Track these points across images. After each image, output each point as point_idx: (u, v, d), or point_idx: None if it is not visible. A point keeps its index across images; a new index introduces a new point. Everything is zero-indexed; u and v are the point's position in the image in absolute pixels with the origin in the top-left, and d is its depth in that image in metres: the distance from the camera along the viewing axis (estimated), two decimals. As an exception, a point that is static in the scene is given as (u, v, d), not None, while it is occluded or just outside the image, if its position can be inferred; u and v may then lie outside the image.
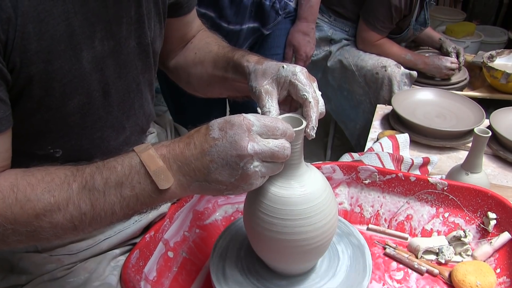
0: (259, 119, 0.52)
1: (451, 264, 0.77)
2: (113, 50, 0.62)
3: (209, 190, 0.54)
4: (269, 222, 0.61)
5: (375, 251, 0.80)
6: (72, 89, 0.58)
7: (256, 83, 0.62)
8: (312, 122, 0.58)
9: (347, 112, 1.92)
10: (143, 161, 0.51)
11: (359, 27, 1.76)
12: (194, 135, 0.53)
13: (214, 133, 0.51)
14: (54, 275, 0.67)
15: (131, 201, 0.52)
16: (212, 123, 0.52)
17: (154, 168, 0.51)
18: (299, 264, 0.65)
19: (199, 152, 0.51)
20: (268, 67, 0.63)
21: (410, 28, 1.75)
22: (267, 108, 0.59)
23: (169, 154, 0.52)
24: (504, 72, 1.58)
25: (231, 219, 0.85)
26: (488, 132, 0.88)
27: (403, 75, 1.66)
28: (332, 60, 1.83)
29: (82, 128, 0.63)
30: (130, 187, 0.51)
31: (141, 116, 0.74)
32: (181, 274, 0.74)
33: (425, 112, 1.34)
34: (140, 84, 0.71)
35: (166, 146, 0.53)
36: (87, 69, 0.59)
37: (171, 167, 0.52)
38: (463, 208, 0.81)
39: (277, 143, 0.52)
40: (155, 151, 0.52)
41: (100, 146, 0.67)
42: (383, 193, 0.86)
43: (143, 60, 0.70)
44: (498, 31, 2.78)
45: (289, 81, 0.61)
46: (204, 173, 0.51)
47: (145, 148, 0.52)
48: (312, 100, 0.59)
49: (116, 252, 0.72)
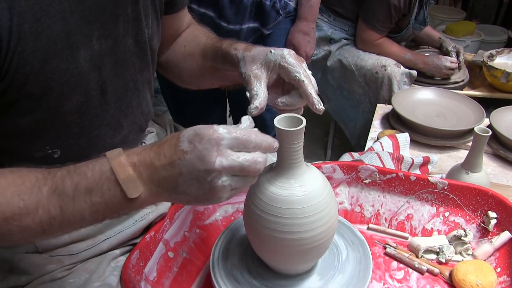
0: (230, 131, 0.50)
1: (452, 263, 0.77)
2: (111, 49, 0.62)
3: (178, 200, 0.54)
4: (269, 222, 0.60)
5: (375, 251, 0.80)
6: (70, 89, 0.58)
7: (245, 69, 0.63)
8: (315, 98, 0.59)
9: (347, 112, 1.92)
10: (113, 168, 0.51)
11: (358, 27, 1.76)
12: (164, 144, 0.52)
13: (184, 145, 0.50)
14: (54, 276, 0.67)
15: (101, 207, 0.52)
16: (183, 134, 0.50)
17: (123, 176, 0.50)
18: (299, 264, 0.65)
19: (168, 163, 0.50)
20: (256, 53, 0.64)
21: (410, 27, 1.75)
22: (255, 92, 0.60)
23: (140, 163, 0.51)
24: (504, 71, 1.58)
25: (232, 219, 0.85)
26: (488, 131, 0.88)
27: (403, 75, 1.66)
28: (332, 59, 1.83)
29: (79, 127, 0.63)
30: (99, 194, 0.51)
31: (139, 115, 0.74)
32: (181, 274, 0.74)
33: (425, 111, 1.34)
34: (138, 82, 0.71)
35: (138, 154, 0.52)
36: (84, 68, 0.59)
37: (141, 175, 0.51)
38: (463, 208, 0.81)
39: (248, 157, 0.50)
40: (126, 159, 0.51)
41: (97, 144, 0.67)
42: (383, 192, 0.86)
43: (140, 58, 0.69)
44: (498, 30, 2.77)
45: (278, 64, 0.62)
46: (173, 184, 0.51)
47: (117, 154, 0.52)
48: (305, 79, 0.60)
49: (117, 252, 0.72)
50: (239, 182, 0.52)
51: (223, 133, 0.49)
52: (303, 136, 0.60)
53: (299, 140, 0.59)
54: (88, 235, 0.70)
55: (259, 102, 0.60)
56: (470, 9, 3.08)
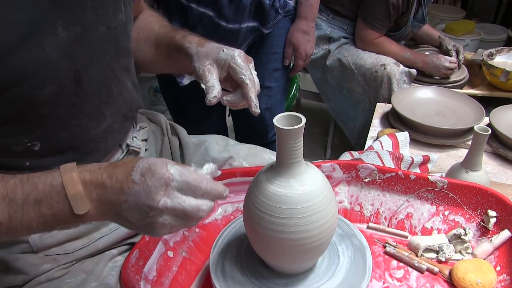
0: (182, 174, 0.51)
1: (451, 262, 0.77)
2: (81, 37, 0.62)
3: (121, 224, 0.55)
4: (269, 221, 0.60)
5: (375, 250, 0.80)
6: (40, 79, 0.58)
7: (199, 64, 0.68)
8: (253, 101, 0.65)
9: (347, 111, 1.92)
10: (64, 183, 0.51)
11: (357, 26, 1.75)
12: (119, 168, 0.52)
13: (135, 176, 0.51)
14: (51, 276, 0.67)
15: (48, 219, 0.52)
16: (138, 165, 0.51)
17: (73, 192, 0.51)
18: (298, 263, 0.65)
19: (118, 188, 0.51)
20: (210, 49, 0.69)
21: (408, 25, 1.75)
22: (211, 83, 0.65)
23: (91, 181, 0.52)
24: (503, 70, 1.58)
25: (231, 218, 0.85)
26: (488, 130, 0.88)
27: (402, 73, 1.66)
28: (331, 59, 1.83)
29: (55, 117, 0.62)
30: (48, 206, 0.51)
31: (121, 103, 0.73)
32: (181, 273, 0.74)
33: (425, 110, 1.34)
34: (116, 70, 0.70)
35: (91, 172, 0.53)
36: (53, 57, 0.58)
37: (91, 194, 0.52)
38: (463, 206, 0.81)
39: (193, 203, 0.52)
40: (78, 175, 0.52)
41: (79, 135, 0.66)
42: (383, 191, 0.86)
43: (115, 45, 0.69)
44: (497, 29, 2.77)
45: (228, 64, 0.67)
46: (118, 209, 0.52)
47: (70, 169, 0.52)
48: (248, 82, 0.66)
49: (114, 252, 0.72)
50: (179, 222, 0.53)
51: (175, 175, 0.50)
52: (303, 135, 0.60)
53: (299, 138, 0.59)
54: (84, 233, 0.70)
55: (217, 92, 0.65)
56: (469, 8, 3.08)
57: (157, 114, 0.97)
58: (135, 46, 0.82)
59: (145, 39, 0.83)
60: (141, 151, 0.80)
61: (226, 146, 0.93)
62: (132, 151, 0.80)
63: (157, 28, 0.82)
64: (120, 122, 0.74)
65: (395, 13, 1.65)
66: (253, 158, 0.91)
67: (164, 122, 0.95)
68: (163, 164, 0.51)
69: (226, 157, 0.90)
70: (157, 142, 0.90)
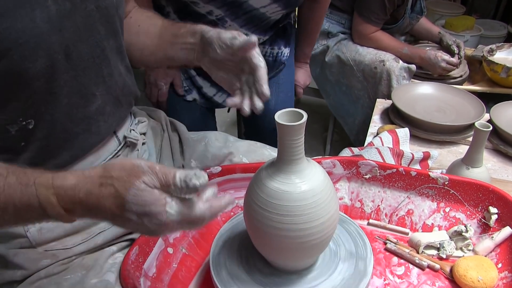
0: (183, 215, 0.49)
1: (452, 259, 0.77)
2: (70, 12, 0.62)
3: None
4: (270, 218, 0.60)
5: (376, 246, 0.80)
6: (32, 51, 0.58)
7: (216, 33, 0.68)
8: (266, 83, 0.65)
9: (346, 107, 1.91)
10: (42, 205, 0.50)
11: (353, 21, 1.74)
12: (106, 201, 0.49)
13: (132, 216, 0.49)
14: (50, 271, 0.67)
15: (31, 222, 0.54)
16: (129, 207, 0.48)
17: (53, 213, 0.50)
18: (299, 260, 0.64)
19: (110, 215, 0.50)
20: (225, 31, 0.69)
21: (406, 17, 1.73)
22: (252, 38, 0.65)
23: (74, 207, 0.51)
24: (504, 66, 1.58)
25: (231, 214, 0.84)
26: (489, 126, 0.87)
27: (401, 69, 1.65)
28: (330, 55, 1.82)
29: (49, 93, 0.63)
30: (28, 216, 0.52)
31: (113, 85, 0.73)
32: (180, 270, 0.73)
33: (425, 106, 1.33)
34: (106, 50, 0.70)
35: (70, 198, 0.50)
36: (44, 29, 0.59)
37: (76, 213, 0.51)
38: (464, 203, 0.81)
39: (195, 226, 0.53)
40: (57, 200, 0.50)
41: (70, 114, 0.66)
42: (383, 188, 0.85)
43: (105, 25, 0.69)
44: (497, 25, 2.77)
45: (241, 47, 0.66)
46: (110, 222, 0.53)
47: (46, 188, 0.50)
48: (264, 67, 0.66)
49: (114, 249, 0.72)
50: None
51: (175, 217, 0.49)
52: (304, 132, 0.59)
53: (300, 135, 0.59)
54: (83, 228, 0.70)
55: None
56: (469, 3, 3.07)
57: (156, 110, 0.97)
58: (135, 39, 0.83)
59: (146, 31, 0.83)
60: (138, 143, 0.80)
61: (226, 142, 0.92)
62: (130, 144, 0.79)
63: (161, 22, 0.83)
64: (112, 106, 0.74)
65: (390, 6, 1.63)
66: (253, 154, 0.91)
67: (164, 118, 0.95)
68: (161, 209, 0.49)
69: (226, 153, 0.89)
70: (156, 137, 0.90)
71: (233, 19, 1.21)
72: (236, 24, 1.23)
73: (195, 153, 0.91)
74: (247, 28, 1.25)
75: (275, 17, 1.25)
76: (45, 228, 0.67)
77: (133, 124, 0.83)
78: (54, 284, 0.65)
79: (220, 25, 1.22)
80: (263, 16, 1.22)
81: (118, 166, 0.50)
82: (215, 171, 0.84)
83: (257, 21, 1.23)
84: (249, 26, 1.24)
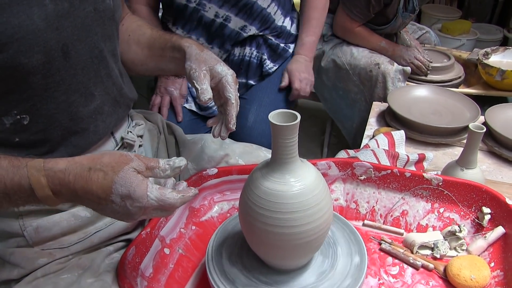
0: (159, 201, 0.55)
1: (446, 258, 0.77)
2: (68, 12, 0.64)
3: None
4: (264, 216, 0.61)
5: (370, 247, 0.80)
6: (28, 46, 0.59)
7: (196, 66, 0.72)
8: (233, 119, 0.72)
9: (344, 111, 1.92)
10: (32, 185, 0.54)
11: (336, 13, 1.74)
12: (93, 184, 0.54)
13: (115, 199, 0.54)
14: (47, 270, 0.67)
15: (20, 204, 0.56)
16: (116, 188, 0.54)
17: (42, 195, 0.54)
18: (294, 259, 0.65)
19: (94, 201, 0.55)
20: (208, 57, 0.74)
21: (398, 16, 1.74)
22: (206, 87, 0.70)
23: (62, 189, 0.55)
24: (499, 69, 1.59)
25: (227, 215, 0.85)
26: (482, 128, 0.88)
27: (396, 72, 1.66)
28: (326, 60, 1.83)
29: (45, 89, 0.64)
30: (18, 197, 0.55)
31: (110, 86, 0.75)
32: (177, 270, 0.74)
33: (420, 109, 1.34)
34: (103, 51, 0.72)
35: (60, 180, 0.55)
36: (41, 27, 0.60)
37: (63, 196, 0.56)
38: (458, 203, 0.82)
39: (164, 214, 0.59)
40: (46, 181, 0.54)
41: (67, 110, 0.68)
42: (378, 189, 0.86)
43: (101, 27, 0.71)
44: (493, 29, 2.79)
45: (220, 79, 0.73)
46: (92, 208, 0.57)
47: (37, 170, 0.54)
48: (234, 101, 0.72)
49: (110, 249, 0.73)
50: None
51: (153, 203, 0.55)
52: (298, 132, 0.60)
53: (294, 135, 0.60)
54: (79, 227, 0.71)
55: (210, 95, 0.70)
56: (465, 8, 3.09)
57: (154, 113, 0.99)
58: (126, 48, 0.85)
59: (136, 41, 0.86)
60: (135, 144, 0.81)
61: (222, 144, 0.93)
62: (127, 145, 0.80)
63: (149, 31, 0.86)
64: (110, 106, 0.75)
65: (376, 4, 1.63)
66: (249, 156, 0.91)
67: (161, 121, 0.96)
68: (143, 192, 0.54)
69: (222, 154, 0.90)
70: (153, 140, 0.91)
71: (209, 1, 1.26)
72: (214, 5, 1.26)
73: (191, 154, 0.92)
74: (226, 9, 1.27)
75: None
76: (42, 227, 0.68)
77: (131, 127, 0.84)
78: (51, 283, 0.65)
79: (202, 10, 1.26)
80: None
81: (107, 154, 0.56)
82: (212, 173, 0.85)
83: (233, 0, 1.26)
84: (228, 6, 1.27)
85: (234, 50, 1.37)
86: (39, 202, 0.55)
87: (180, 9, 1.28)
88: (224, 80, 0.72)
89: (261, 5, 1.30)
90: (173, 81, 1.33)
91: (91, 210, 0.71)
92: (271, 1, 1.32)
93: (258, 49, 1.39)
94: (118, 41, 0.78)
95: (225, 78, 0.72)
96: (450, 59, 1.79)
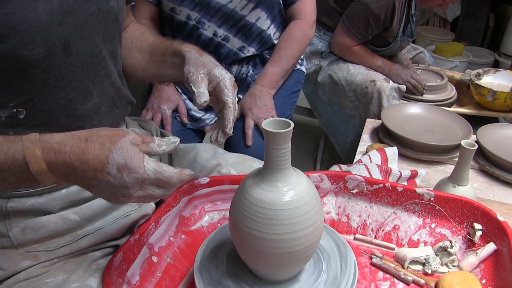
0: (157, 173, 0.55)
1: (437, 274, 0.77)
2: (72, 9, 0.64)
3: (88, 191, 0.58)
4: (255, 224, 0.60)
5: (361, 261, 0.79)
6: (30, 39, 0.59)
7: (194, 69, 0.72)
8: (230, 123, 0.71)
9: (338, 127, 1.93)
10: (27, 158, 0.52)
11: (335, 31, 1.77)
12: (90, 155, 0.53)
13: (112, 170, 0.53)
14: (30, 274, 0.66)
15: (12, 182, 0.54)
16: (113, 158, 0.53)
17: (36, 169, 0.53)
18: (283, 269, 0.64)
19: (91, 174, 0.53)
20: (207, 61, 0.73)
21: (397, 40, 1.77)
22: (202, 90, 0.69)
23: (57, 161, 0.53)
24: (490, 89, 1.61)
25: (218, 225, 0.84)
26: (474, 145, 0.89)
27: (392, 89, 1.68)
28: (322, 75, 1.85)
29: (44, 84, 0.64)
30: (11, 174, 0.53)
31: (108, 86, 0.75)
32: (164, 279, 0.72)
33: (414, 126, 1.35)
34: (103, 51, 0.72)
35: (56, 152, 0.53)
36: (44, 21, 0.60)
37: (57, 170, 0.53)
38: (449, 219, 0.82)
39: (161, 193, 0.57)
40: (41, 153, 0.53)
41: (65, 107, 0.67)
42: (370, 203, 0.86)
43: (103, 28, 0.71)
44: (485, 52, 2.84)
45: (218, 82, 0.72)
46: (86, 185, 0.56)
47: (32, 143, 0.53)
48: (231, 105, 0.71)
49: (97, 254, 0.71)
50: None
51: (150, 174, 0.54)
52: (292, 147, 0.60)
53: (286, 143, 0.59)
54: (67, 230, 0.69)
55: (207, 98, 0.69)
56: (458, 31, 3.15)
57: (148, 121, 0.99)
58: (127, 54, 0.85)
59: (138, 47, 0.86)
60: None
61: (215, 154, 0.93)
62: None
63: (152, 38, 0.86)
64: (107, 106, 0.75)
65: (375, 26, 1.66)
66: (241, 166, 0.91)
67: (155, 129, 0.96)
68: (140, 162, 0.53)
69: (214, 164, 0.90)
70: None
71: (209, 20, 1.26)
72: (213, 24, 1.27)
73: (183, 163, 0.91)
74: (225, 28, 1.28)
75: (246, 13, 1.27)
76: (29, 228, 0.66)
77: (122, 120, 0.84)
78: (34, 287, 0.64)
79: (201, 28, 1.27)
80: (235, 12, 1.25)
81: (104, 128, 0.56)
82: (203, 182, 0.84)
83: (232, 20, 1.27)
84: (227, 26, 1.28)
85: (232, 68, 1.37)
86: (33, 180, 0.53)
87: (180, 25, 1.28)
88: (222, 84, 0.72)
89: (260, 27, 1.31)
90: (168, 99, 1.30)
91: (80, 214, 0.69)
92: (270, 23, 1.33)
93: (254, 67, 1.39)
94: (119, 44, 0.79)
95: (223, 82, 0.72)
96: (444, 79, 1.81)
